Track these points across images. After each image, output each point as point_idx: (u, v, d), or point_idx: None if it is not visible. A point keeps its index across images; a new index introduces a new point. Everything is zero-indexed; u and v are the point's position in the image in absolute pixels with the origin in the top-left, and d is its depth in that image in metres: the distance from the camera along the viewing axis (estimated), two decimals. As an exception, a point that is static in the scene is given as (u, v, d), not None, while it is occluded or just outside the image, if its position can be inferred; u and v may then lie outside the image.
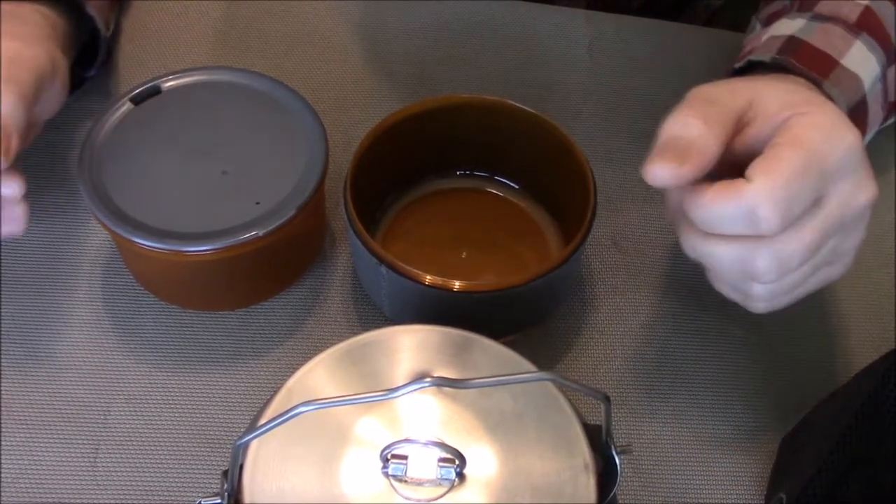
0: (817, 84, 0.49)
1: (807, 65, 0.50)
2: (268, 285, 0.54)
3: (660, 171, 0.41)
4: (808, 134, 0.41)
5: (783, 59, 0.50)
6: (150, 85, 0.54)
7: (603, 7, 0.70)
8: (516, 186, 0.58)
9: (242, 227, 0.48)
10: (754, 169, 0.40)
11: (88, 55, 0.58)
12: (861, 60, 0.51)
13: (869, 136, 0.53)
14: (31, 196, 0.57)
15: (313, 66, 0.65)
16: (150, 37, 0.65)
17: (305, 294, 0.55)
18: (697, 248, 0.43)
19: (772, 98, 0.43)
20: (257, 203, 0.49)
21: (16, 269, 0.54)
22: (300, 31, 0.66)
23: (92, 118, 0.53)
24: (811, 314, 0.56)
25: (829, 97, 0.48)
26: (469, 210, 0.57)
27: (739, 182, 0.40)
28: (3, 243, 0.55)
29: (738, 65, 0.53)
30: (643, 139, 0.44)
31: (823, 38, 0.51)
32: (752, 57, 0.52)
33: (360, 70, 0.65)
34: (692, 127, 0.41)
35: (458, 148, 0.57)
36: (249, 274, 0.52)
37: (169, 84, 0.54)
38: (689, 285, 0.56)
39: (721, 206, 0.40)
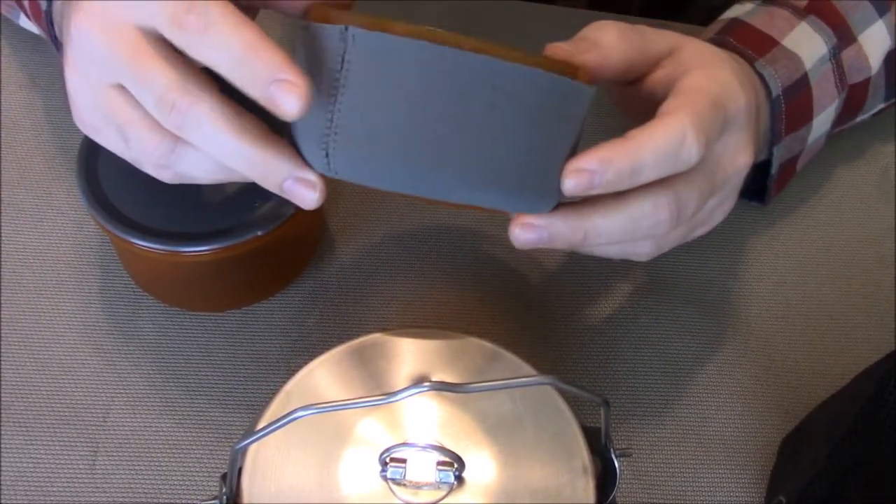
0: (750, 62, 0.50)
1: (743, 43, 0.51)
2: (266, 285, 0.54)
3: (559, 50, 0.43)
4: (708, 82, 0.43)
5: (719, 38, 0.52)
6: (148, 86, 0.54)
7: (603, 8, 0.70)
8: None
9: (241, 228, 0.48)
10: (670, 106, 0.42)
11: None
12: (803, 41, 0.53)
13: (825, 114, 0.54)
14: (31, 198, 0.57)
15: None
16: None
17: (304, 295, 0.55)
18: (608, 218, 0.42)
19: (687, 49, 0.46)
20: (256, 203, 0.49)
21: (15, 271, 0.54)
22: (299, 32, 0.66)
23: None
24: (811, 315, 0.56)
25: (761, 76, 0.50)
26: None
27: (661, 117, 0.41)
28: (2, 245, 0.55)
29: None
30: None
31: (767, 20, 0.53)
32: None
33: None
34: (606, 35, 0.44)
35: None
36: (248, 274, 0.52)
37: (168, 85, 0.54)
38: (689, 288, 0.56)
39: (658, 139, 0.40)
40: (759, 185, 0.55)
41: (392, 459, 0.36)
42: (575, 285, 0.56)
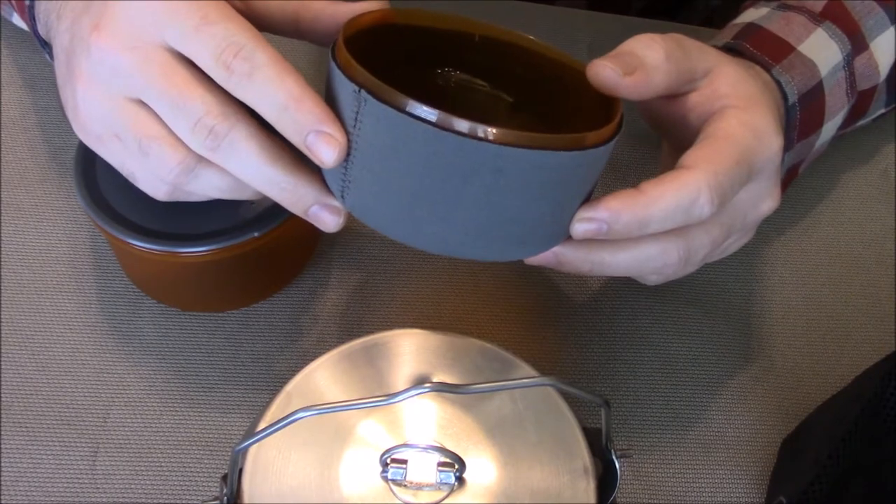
0: (767, 69, 0.50)
1: (760, 49, 0.50)
2: (264, 287, 0.54)
3: (604, 71, 0.40)
4: (741, 131, 0.42)
5: (736, 43, 0.51)
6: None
7: (603, 8, 0.70)
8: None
9: (238, 228, 0.48)
10: (692, 157, 0.41)
11: None
12: (819, 47, 0.52)
13: (833, 121, 0.54)
14: (31, 198, 0.57)
15: (312, 66, 0.65)
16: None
17: (304, 295, 0.55)
18: (616, 256, 0.42)
19: (725, 77, 0.44)
20: (252, 203, 0.49)
21: (15, 271, 0.54)
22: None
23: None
24: (811, 316, 0.56)
25: (778, 83, 0.50)
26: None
27: (678, 172, 0.41)
28: (2, 245, 0.55)
29: None
30: (642, 140, 0.44)
31: (784, 25, 0.52)
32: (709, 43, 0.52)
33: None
34: (653, 54, 0.42)
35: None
36: (246, 275, 0.52)
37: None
38: (689, 288, 0.56)
39: (669, 197, 0.40)
40: None
41: (393, 460, 0.36)
42: (575, 286, 0.56)
